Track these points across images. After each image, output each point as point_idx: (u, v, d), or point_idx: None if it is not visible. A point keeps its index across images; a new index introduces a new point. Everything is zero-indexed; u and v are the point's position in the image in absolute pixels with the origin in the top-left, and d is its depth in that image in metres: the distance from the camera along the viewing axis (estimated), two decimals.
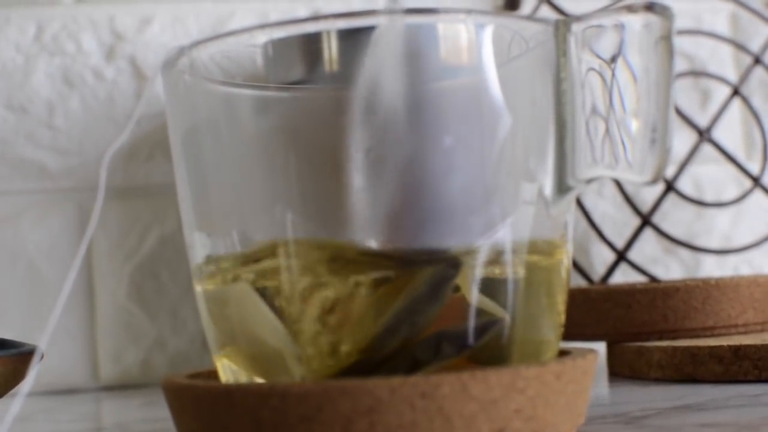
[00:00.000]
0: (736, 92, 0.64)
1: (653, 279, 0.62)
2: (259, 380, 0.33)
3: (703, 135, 0.63)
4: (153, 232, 0.60)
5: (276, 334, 0.32)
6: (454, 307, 0.32)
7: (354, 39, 0.33)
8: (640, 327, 0.50)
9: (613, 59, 0.32)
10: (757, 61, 0.65)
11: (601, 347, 0.52)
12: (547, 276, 0.34)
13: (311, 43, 0.36)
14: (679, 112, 0.63)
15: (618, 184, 0.63)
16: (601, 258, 0.65)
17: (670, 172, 0.63)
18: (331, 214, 0.32)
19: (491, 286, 0.32)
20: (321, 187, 0.32)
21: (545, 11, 0.63)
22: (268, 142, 0.33)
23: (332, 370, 0.32)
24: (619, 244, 0.63)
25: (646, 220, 0.62)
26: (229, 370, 0.34)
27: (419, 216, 0.32)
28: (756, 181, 0.64)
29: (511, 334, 0.32)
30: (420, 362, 0.31)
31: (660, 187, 0.63)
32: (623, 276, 0.64)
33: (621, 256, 0.61)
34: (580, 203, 0.61)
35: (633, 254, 0.64)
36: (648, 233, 0.65)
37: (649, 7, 0.32)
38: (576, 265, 0.62)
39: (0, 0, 0.60)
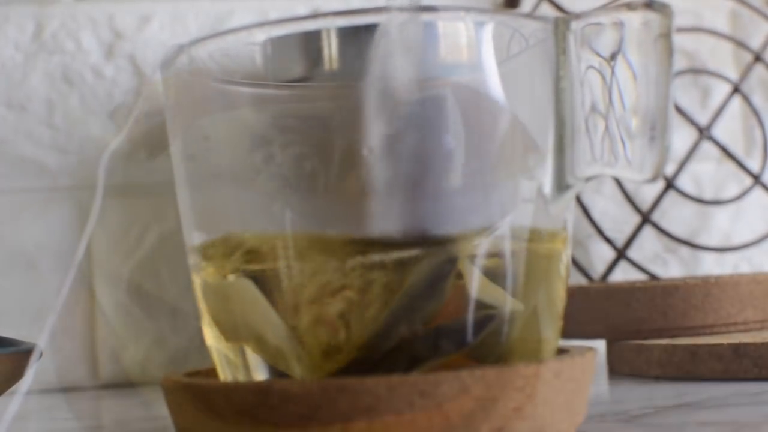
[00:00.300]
0: (736, 90, 0.64)
1: (653, 277, 0.62)
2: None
3: (703, 133, 0.63)
4: (152, 230, 0.60)
5: (276, 331, 0.32)
6: (454, 298, 0.32)
7: (353, 37, 0.33)
8: (640, 325, 0.50)
9: (613, 57, 0.32)
10: (758, 58, 0.65)
11: (600, 345, 0.52)
12: (545, 271, 0.33)
13: (310, 41, 0.36)
14: (679, 110, 0.63)
15: (618, 181, 0.63)
16: (600, 256, 0.65)
17: (669, 169, 0.63)
18: (330, 211, 0.32)
19: (490, 280, 0.32)
20: (320, 184, 0.32)
21: (545, 9, 0.63)
22: (267, 140, 0.33)
23: (331, 368, 0.32)
24: (619, 241, 0.63)
25: (645, 218, 0.62)
26: (227, 365, 0.34)
27: (418, 214, 0.32)
28: (756, 178, 0.64)
29: (510, 330, 0.32)
30: (418, 359, 0.31)
31: (660, 185, 0.63)
32: (623, 274, 0.64)
33: (621, 254, 0.61)
34: (579, 201, 0.61)
35: (633, 252, 0.64)
36: (648, 231, 0.65)
37: (649, 5, 0.32)
38: (575, 263, 0.62)
39: None
